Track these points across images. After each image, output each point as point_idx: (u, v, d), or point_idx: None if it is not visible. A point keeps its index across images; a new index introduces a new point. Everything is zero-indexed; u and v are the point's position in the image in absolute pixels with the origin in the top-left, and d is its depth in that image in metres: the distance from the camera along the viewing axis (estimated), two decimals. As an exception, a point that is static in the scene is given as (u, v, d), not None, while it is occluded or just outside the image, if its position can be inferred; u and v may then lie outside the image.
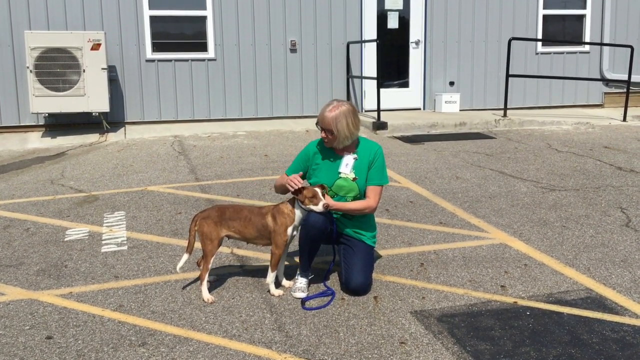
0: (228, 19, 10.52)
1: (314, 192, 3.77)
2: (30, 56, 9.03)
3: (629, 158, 7.96)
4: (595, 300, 3.84)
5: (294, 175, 3.90)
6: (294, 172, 4.13)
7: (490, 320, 3.58)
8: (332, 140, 4.00)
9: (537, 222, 5.39)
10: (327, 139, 4.01)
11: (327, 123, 3.95)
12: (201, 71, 10.54)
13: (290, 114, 10.96)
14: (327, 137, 4.00)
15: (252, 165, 7.67)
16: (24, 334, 3.47)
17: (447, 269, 4.35)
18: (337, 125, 3.93)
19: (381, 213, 5.58)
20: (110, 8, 10.01)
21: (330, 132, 3.96)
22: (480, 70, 11.73)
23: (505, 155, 8.17)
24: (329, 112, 3.96)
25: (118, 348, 3.29)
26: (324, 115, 3.97)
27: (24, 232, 5.23)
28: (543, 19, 11.92)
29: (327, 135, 3.99)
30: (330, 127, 3.94)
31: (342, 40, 11.00)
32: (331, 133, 3.96)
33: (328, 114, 3.95)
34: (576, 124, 10.64)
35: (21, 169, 7.66)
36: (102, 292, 4.02)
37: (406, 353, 3.22)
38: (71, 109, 9.33)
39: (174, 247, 4.83)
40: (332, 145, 4.04)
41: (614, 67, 12.32)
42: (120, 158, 8.15)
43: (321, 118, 3.98)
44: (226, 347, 3.30)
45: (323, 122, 3.97)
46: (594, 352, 3.22)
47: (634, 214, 5.58)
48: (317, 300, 3.85)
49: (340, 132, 3.96)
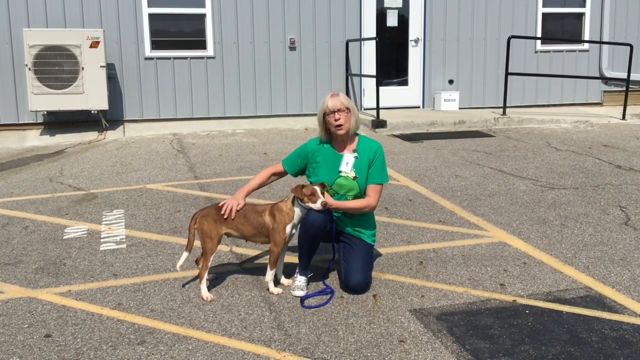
0: (227, 16, 10.50)
1: (312, 190, 3.77)
2: (29, 54, 9.01)
3: (628, 156, 7.96)
4: (595, 298, 3.84)
5: (233, 206, 3.90)
6: (291, 165, 4.19)
7: (489, 318, 3.58)
8: (348, 120, 3.97)
9: (536, 220, 5.39)
10: (344, 120, 3.95)
11: (341, 103, 3.95)
12: (200, 69, 10.53)
13: (290, 112, 10.95)
14: (343, 119, 3.94)
15: (251, 163, 7.66)
16: (23, 332, 3.46)
17: (447, 268, 4.35)
18: (350, 103, 3.99)
19: (380, 211, 5.58)
20: (109, 6, 9.99)
21: (347, 110, 3.95)
22: (479, 69, 11.73)
23: (505, 154, 8.17)
24: (335, 95, 3.98)
25: (117, 346, 3.29)
26: (333, 99, 3.96)
27: (23, 230, 5.22)
28: (542, 17, 11.91)
29: (341, 117, 3.94)
30: (346, 104, 3.95)
31: (341, 38, 10.99)
32: (347, 111, 3.95)
33: (336, 96, 3.98)
34: (575, 122, 10.64)
35: (20, 166, 7.65)
36: (101, 290, 4.01)
37: (405, 351, 3.22)
38: (70, 107, 9.32)
39: (173, 246, 4.82)
40: (346, 130, 3.98)
41: (613, 65, 12.32)
42: (119, 156, 8.14)
43: (331, 104, 3.95)
44: (225, 345, 3.29)
45: (335, 105, 3.94)
46: (593, 350, 3.22)
47: (633, 212, 5.58)
48: (316, 299, 3.85)
49: (354, 110, 3.99)
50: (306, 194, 3.76)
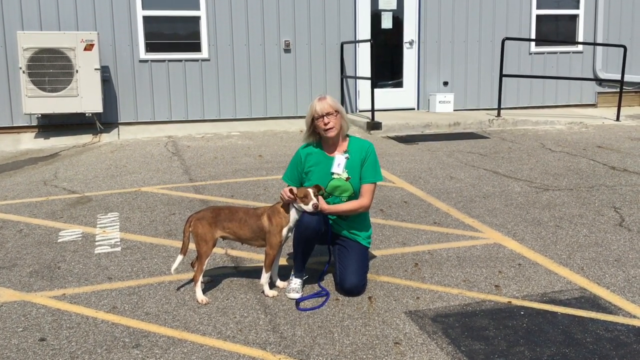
0: (222, 19, 10.50)
1: (305, 192, 3.77)
2: (23, 57, 8.99)
3: (622, 157, 7.99)
4: (589, 299, 3.85)
5: (285, 190, 3.86)
6: (290, 178, 4.17)
7: (484, 320, 3.58)
8: (338, 122, 3.97)
9: (531, 221, 5.40)
10: (334, 123, 3.95)
11: (329, 106, 3.94)
12: (195, 71, 10.52)
13: (285, 114, 10.96)
14: (332, 122, 3.94)
15: (246, 165, 7.66)
16: (17, 335, 3.45)
17: (442, 269, 4.35)
18: (338, 105, 3.99)
19: (375, 213, 5.58)
20: (104, 8, 9.98)
21: (336, 112, 3.94)
22: (474, 71, 11.75)
23: (499, 155, 8.19)
24: (323, 99, 3.98)
25: (112, 350, 3.28)
26: (321, 103, 3.96)
27: (17, 234, 5.21)
28: (536, 19, 11.95)
29: (330, 120, 3.94)
30: (334, 107, 3.95)
31: (336, 41, 11.00)
32: (336, 113, 3.95)
33: (323, 100, 3.97)
34: (569, 123, 10.67)
35: (14, 170, 7.62)
36: (96, 293, 4.00)
37: (401, 353, 3.22)
38: (64, 110, 9.30)
39: (167, 248, 4.81)
40: (337, 132, 3.98)
41: (607, 67, 12.36)
42: (114, 159, 8.12)
43: (319, 107, 3.94)
44: (220, 348, 3.29)
45: (323, 109, 3.93)
46: (587, 351, 3.23)
47: (628, 213, 5.59)
48: (311, 301, 3.84)
49: (342, 112, 3.99)
50: (299, 196, 3.76)
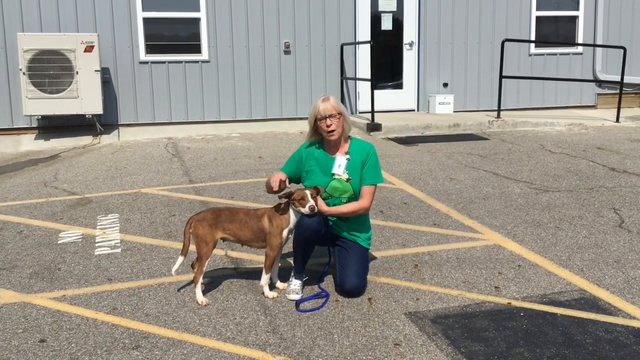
0: (222, 20, 10.51)
1: (302, 195, 3.76)
2: (23, 58, 9.00)
3: (622, 159, 7.99)
4: (589, 301, 3.85)
5: (277, 174, 3.87)
6: (288, 170, 4.15)
7: (484, 321, 3.59)
8: (340, 124, 3.96)
9: (531, 223, 5.41)
10: (336, 126, 3.94)
11: (332, 107, 3.94)
12: (195, 73, 10.53)
13: (285, 116, 10.96)
14: (334, 124, 3.93)
15: (247, 167, 7.66)
16: (17, 337, 3.45)
17: (441, 270, 4.35)
18: (341, 107, 3.98)
19: (375, 214, 5.58)
20: (104, 10, 9.99)
21: (338, 114, 3.94)
22: (473, 72, 11.76)
23: (499, 157, 8.19)
24: (326, 100, 3.97)
25: (112, 351, 3.28)
26: (324, 104, 3.95)
27: (17, 235, 5.21)
28: (536, 20, 11.96)
29: (333, 123, 3.93)
30: (338, 109, 3.94)
31: (336, 42, 11.01)
32: (339, 116, 3.94)
33: (327, 101, 3.97)
34: (569, 125, 10.67)
35: (14, 171, 7.63)
36: (96, 294, 4.00)
37: (400, 354, 3.22)
38: (64, 111, 9.30)
39: (167, 250, 4.81)
40: (339, 135, 3.98)
41: (606, 68, 12.37)
42: (114, 160, 8.13)
43: (322, 109, 3.94)
44: (220, 349, 3.29)
45: (326, 110, 3.93)
46: (587, 352, 3.23)
47: (627, 215, 5.60)
48: (311, 302, 3.85)
49: (345, 113, 3.98)
50: (297, 198, 3.76)
